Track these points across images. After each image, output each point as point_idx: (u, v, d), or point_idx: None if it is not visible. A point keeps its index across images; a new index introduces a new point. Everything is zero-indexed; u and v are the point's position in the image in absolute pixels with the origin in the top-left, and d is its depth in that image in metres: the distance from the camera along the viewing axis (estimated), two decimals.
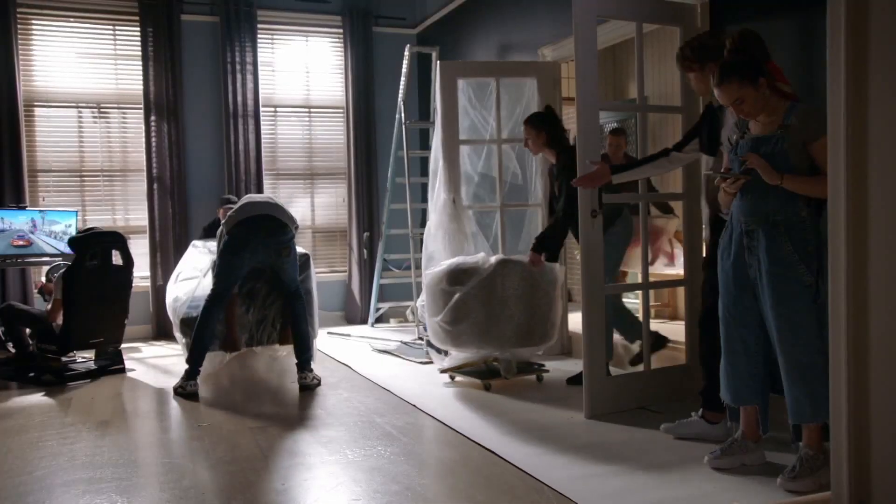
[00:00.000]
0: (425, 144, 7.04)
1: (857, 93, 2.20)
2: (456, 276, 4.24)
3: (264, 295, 4.66)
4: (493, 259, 4.28)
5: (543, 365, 4.57)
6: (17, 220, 5.72)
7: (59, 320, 4.82)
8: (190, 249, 5.50)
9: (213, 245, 4.84)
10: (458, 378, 4.50)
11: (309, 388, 4.39)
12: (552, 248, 4.30)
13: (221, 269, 4.44)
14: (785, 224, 2.65)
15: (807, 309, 2.63)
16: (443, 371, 4.53)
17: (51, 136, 6.48)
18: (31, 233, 5.75)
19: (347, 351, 5.71)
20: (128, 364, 5.22)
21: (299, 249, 4.79)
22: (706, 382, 3.22)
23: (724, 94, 2.70)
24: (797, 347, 2.65)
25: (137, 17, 6.54)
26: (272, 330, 4.70)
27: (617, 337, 4.48)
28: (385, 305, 7.10)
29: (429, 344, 4.92)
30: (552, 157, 4.35)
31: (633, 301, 5.33)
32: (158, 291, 6.45)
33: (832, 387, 2.31)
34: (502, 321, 4.20)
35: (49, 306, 4.96)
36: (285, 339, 4.73)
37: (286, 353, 4.80)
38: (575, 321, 4.85)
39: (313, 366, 4.58)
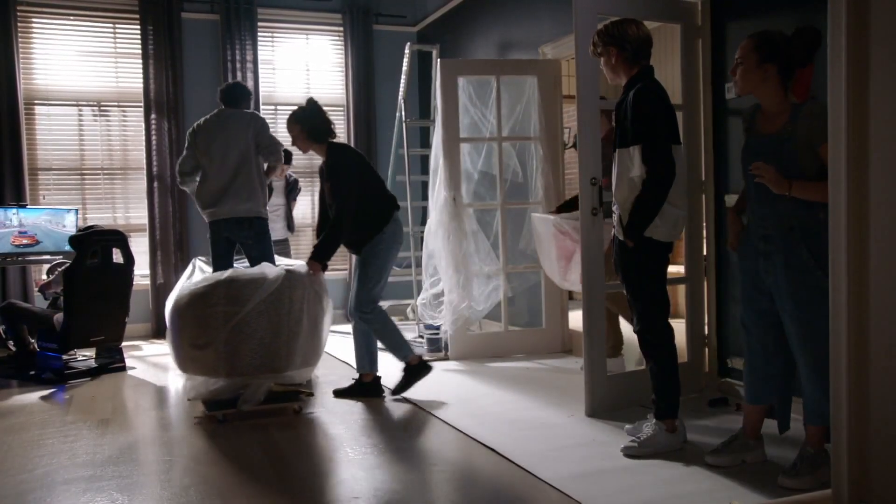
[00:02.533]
0: (426, 142, 7.03)
1: (858, 92, 2.20)
2: (234, 293, 3.67)
3: None
4: (278, 271, 3.82)
5: (311, 392, 4.20)
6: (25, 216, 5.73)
7: (52, 288, 4.90)
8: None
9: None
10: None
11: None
12: (329, 257, 3.97)
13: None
14: (801, 229, 2.60)
15: (826, 314, 2.54)
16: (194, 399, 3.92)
17: (51, 134, 6.48)
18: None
19: (348, 349, 5.70)
20: (128, 362, 5.23)
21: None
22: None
23: (742, 44, 2.71)
24: (817, 351, 2.61)
25: (138, 15, 6.54)
26: None
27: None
28: (385, 304, 7.05)
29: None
30: (322, 153, 4.10)
31: None
32: (158, 290, 6.46)
33: (832, 386, 2.31)
34: (289, 340, 3.74)
35: (50, 288, 5.02)
36: None
37: None
38: (575, 319, 4.85)
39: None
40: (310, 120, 4.07)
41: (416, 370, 4.14)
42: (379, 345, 4.18)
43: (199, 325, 3.66)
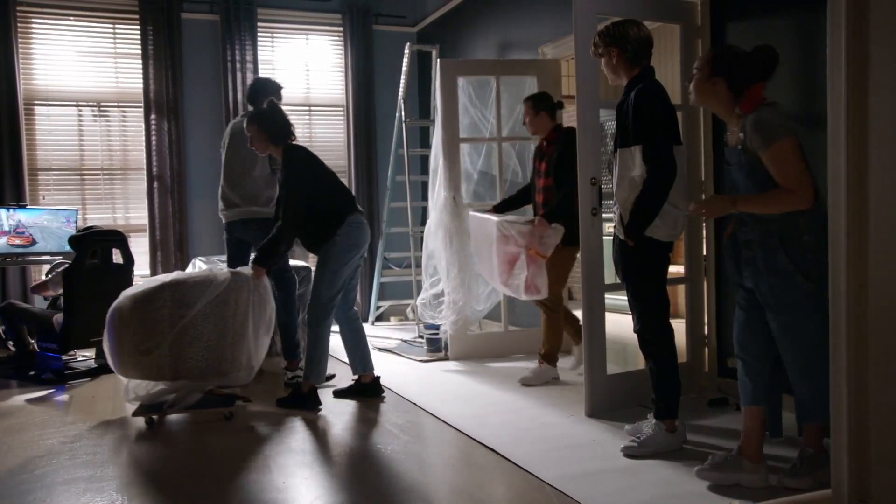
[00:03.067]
0: (425, 142, 7.04)
1: (858, 91, 2.20)
2: (180, 295, 3.62)
3: None
4: (223, 273, 3.77)
5: (248, 397, 4.06)
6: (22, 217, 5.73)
7: (48, 292, 4.89)
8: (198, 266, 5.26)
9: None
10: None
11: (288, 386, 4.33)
12: (270, 263, 3.94)
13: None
14: (780, 234, 2.57)
15: (809, 315, 2.58)
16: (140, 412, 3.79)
17: (51, 134, 6.48)
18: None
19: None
20: None
21: (300, 263, 4.83)
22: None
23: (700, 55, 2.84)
24: (802, 352, 2.62)
25: (137, 16, 6.53)
26: (273, 343, 4.67)
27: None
28: (385, 304, 7.11)
29: None
30: (278, 155, 4.04)
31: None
32: None
33: (832, 386, 2.31)
34: (234, 343, 3.71)
35: (46, 293, 5.02)
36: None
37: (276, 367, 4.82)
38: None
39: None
40: (267, 121, 4.01)
41: (306, 397, 3.98)
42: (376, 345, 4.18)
43: (144, 329, 3.57)
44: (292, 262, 4.85)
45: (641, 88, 3.02)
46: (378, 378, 4.22)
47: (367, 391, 4.16)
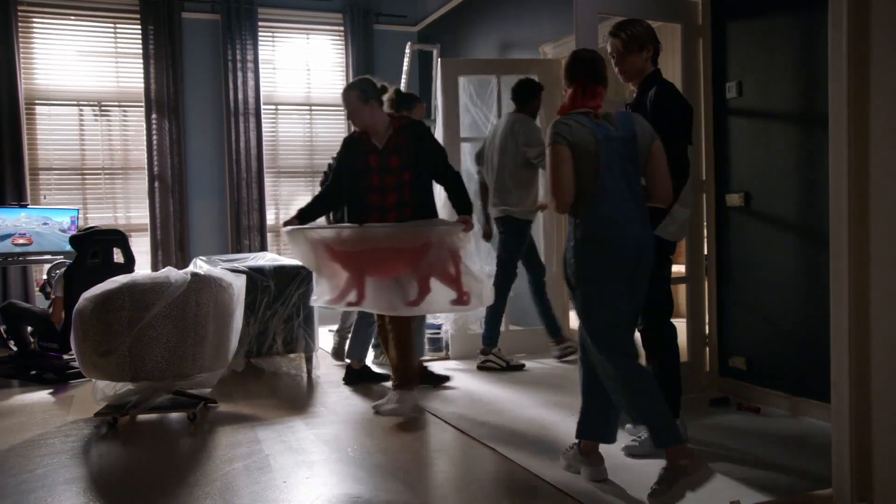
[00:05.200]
0: None
1: (859, 90, 2.20)
2: (138, 297, 3.56)
3: (265, 307, 4.64)
4: (182, 275, 3.69)
5: (214, 400, 3.99)
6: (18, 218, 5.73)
7: (62, 315, 4.83)
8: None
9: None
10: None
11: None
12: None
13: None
14: (569, 238, 2.71)
15: (581, 320, 2.72)
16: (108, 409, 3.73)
17: (52, 134, 6.49)
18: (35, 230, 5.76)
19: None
20: None
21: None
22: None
23: None
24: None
25: (138, 15, 6.54)
26: (273, 342, 4.68)
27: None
28: None
29: None
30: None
31: None
32: None
33: (834, 386, 2.31)
34: (195, 345, 3.65)
35: (50, 306, 4.96)
36: (289, 350, 4.73)
37: (287, 365, 4.83)
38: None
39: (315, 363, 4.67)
40: None
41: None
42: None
43: (103, 330, 3.55)
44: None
45: (662, 87, 3.00)
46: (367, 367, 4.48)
47: (361, 376, 4.42)
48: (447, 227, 3.61)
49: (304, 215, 3.75)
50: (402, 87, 6.59)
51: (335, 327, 5.25)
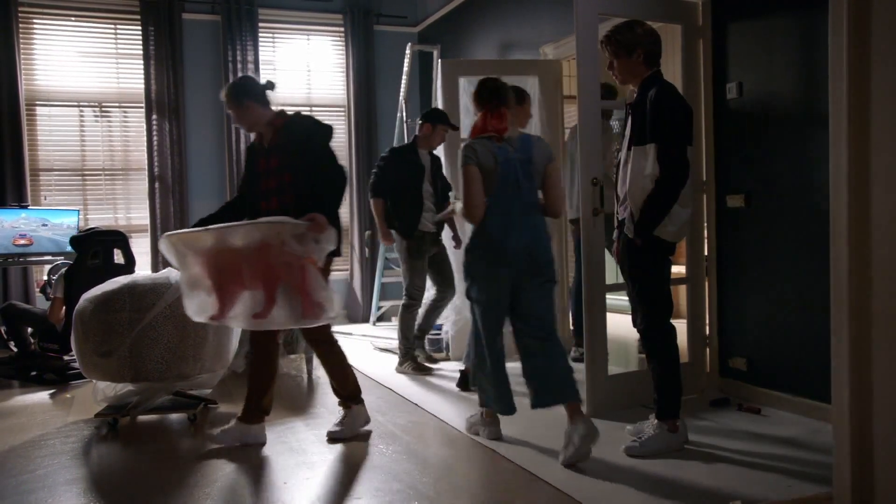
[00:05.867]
0: None
1: (859, 90, 2.20)
2: (139, 298, 3.56)
3: None
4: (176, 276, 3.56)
5: (214, 401, 4.01)
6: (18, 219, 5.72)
7: (62, 315, 4.84)
8: None
9: None
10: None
11: None
12: None
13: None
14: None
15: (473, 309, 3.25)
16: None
17: (52, 135, 6.49)
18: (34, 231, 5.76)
19: (349, 349, 5.67)
20: None
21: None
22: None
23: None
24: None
25: (139, 16, 6.54)
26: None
27: None
28: (386, 304, 7.10)
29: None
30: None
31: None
32: None
33: (834, 387, 2.31)
34: (196, 345, 3.63)
35: (50, 307, 4.96)
36: (289, 351, 4.72)
37: (287, 366, 4.82)
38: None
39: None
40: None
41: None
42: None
43: (103, 331, 3.55)
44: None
45: (661, 88, 3.01)
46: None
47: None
48: (284, 223, 3.05)
49: (204, 224, 3.29)
50: (403, 87, 6.60)
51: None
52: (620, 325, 4.50)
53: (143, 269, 6.22)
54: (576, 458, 2.92)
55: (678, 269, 4.24)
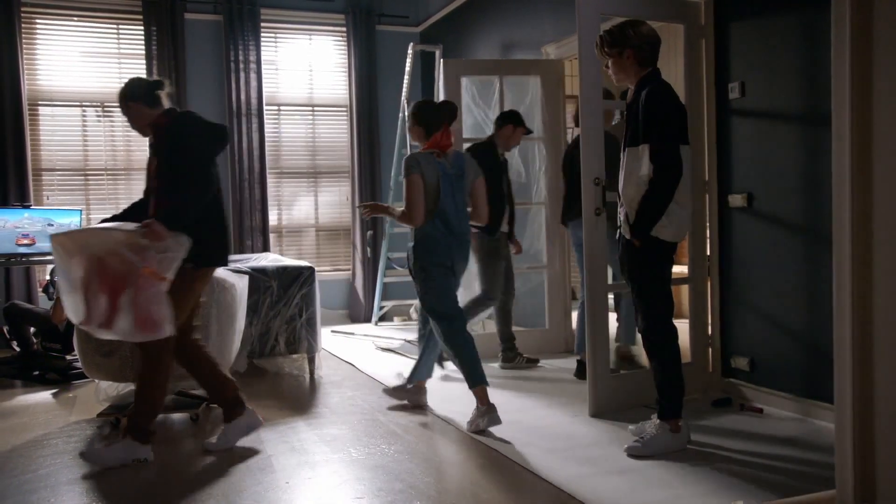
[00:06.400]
0: None
1: (862, 90, 2.20)
2: None
3: (267, 308, 4.64)
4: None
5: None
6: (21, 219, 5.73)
7: (65, 315, 4.83)
8: None
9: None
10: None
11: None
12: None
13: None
14: (413, 239, 3.65)
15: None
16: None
17: (55, 134, 6.50)
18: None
19: (351, 349, 5.72)
20: None
21: (301, 263, 4.80)
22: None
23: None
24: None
25: (141, 16, 6.55)
26: (275, 343, 4.68)
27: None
28: (388, 304, 7.11)
29: None
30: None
31: None
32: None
33: (837, 387, 2.30)
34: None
35: (53, 307, 4.96)
36: (291, 351, 4.72)
37: (289, 366, 4.82)
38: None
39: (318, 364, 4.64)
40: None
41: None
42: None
43: None
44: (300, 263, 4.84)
45: (653, 88, 3.02)
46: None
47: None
48: (116, 229, 2.92)
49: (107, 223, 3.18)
50: (405, 87, 6.60)
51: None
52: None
53: None
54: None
55: (680, 269, 4.24)
